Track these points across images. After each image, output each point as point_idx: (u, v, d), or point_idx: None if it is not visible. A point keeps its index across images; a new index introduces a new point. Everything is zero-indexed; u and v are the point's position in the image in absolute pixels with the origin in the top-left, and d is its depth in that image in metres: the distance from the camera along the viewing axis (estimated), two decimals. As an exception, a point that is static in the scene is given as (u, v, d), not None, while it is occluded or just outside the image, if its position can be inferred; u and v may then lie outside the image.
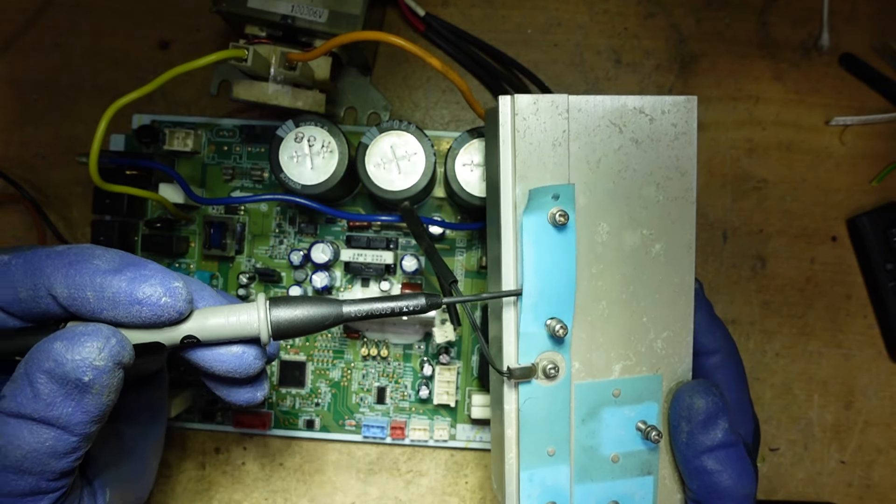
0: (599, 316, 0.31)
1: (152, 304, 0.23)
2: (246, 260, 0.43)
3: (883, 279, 0.43)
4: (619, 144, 0.30)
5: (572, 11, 0.44)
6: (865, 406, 0.44)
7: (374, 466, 0.44)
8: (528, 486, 0.30)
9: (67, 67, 0.44)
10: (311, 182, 0.37)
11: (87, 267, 0.23)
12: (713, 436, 0.29)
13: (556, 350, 0.30)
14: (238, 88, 0.38)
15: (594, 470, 0.31)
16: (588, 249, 0.30)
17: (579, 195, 0.30)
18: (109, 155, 0.41)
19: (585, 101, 0.30)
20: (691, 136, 0.31)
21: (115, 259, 0.24)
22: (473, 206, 0.39)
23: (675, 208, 0.31)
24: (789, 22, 0.44)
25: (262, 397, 0.27)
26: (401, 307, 0.26)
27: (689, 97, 0.31)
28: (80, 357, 0.22)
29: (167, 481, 0.44)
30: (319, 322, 0.25)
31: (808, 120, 0.44)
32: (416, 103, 0.44)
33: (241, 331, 0.24)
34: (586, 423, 0.31)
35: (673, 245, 0.31)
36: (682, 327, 0.31)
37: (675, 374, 0.31)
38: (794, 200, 0.44)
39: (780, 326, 0.44)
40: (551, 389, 0.30)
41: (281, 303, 0.25)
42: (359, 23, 0.38)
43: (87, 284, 0.23)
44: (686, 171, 0.31)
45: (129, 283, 0.23)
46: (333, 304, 0.25)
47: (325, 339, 0.43)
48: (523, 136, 0.29)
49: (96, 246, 0.24)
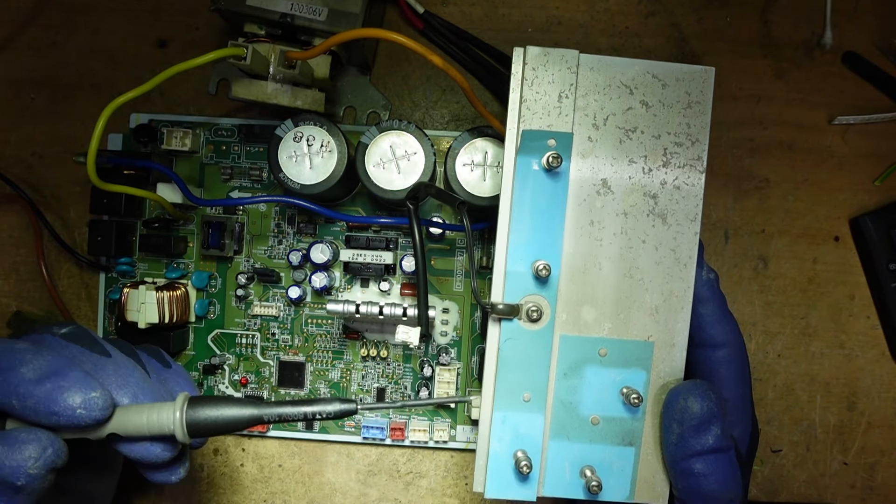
0: (594, 271, 0.31)
1: (68, 415, 0.25)
2: (245, 260, 0.43)
3: (886, 279, 0.42)
4: (629, 106, 0.31)
5: (573, 10, 0.44)
6: (868, 407, 0.44)
7: (373, 468, 0.43)
8: (499, 427, 0.30)
9: (65, 66, 0.44)
10: (311, 182, 0.37)
11: (13, 375, 0.25)
12: (704, 440, 0.29)
13: (542, 294, 0.30)
14: (237, 87, 0.38)
15: (571, 428, 0.31)
16: (587, 203, 0.31)
17: (582, 149, 0.30)
18: (107, 154, 0.41)
19: (597, 59, 0.31)
20: (705, 106, 0.31)
21: (43, 367, 0.25)
22: (473, 207, 0.38)
23: (682, 175, 0.31)
24: (791, 20, 0.44)
25: (175, 480, 0.29)
26: (313, 412, 0.27)
27: (706, 67, 0.31)
28: (16, 464, 0.23)
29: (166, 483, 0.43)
30: (235, 423, 0.27)
31: (810, 119, 0.44)
32: (415, 102, 0.44)
33: (158, 429, 0.26)
34: (568, 377, 0.31)
35: (677, 213, 0.31)
36: (680, 298, 0.31)
37: (669, 346, 0.31)
38: (797, 200, 0.44)
39: (782, 327, 0.44)
40: (533, 334, 0.30)
41: (200, 403, 0.27)
42: (358, 21, 0.37)
43: (12, 393, 0.25)
44: (697, 140, 0.31)
45: (48, 394, 0.24)
46: (250, 406, 0.27)
47: (325, 339, 0.43)
48: (531, 85, 0.30)
49: (31, 348, 0.26)
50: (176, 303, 0.41)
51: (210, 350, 0.43)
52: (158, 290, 0.40)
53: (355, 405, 0.28)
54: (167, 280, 0.42)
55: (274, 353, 0.43)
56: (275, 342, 0.43)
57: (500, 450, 0.30)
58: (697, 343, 0.32)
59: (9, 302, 0.44)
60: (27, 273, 0.44)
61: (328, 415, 0.27)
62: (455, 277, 0.42)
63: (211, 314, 0.43)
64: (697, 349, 0.32)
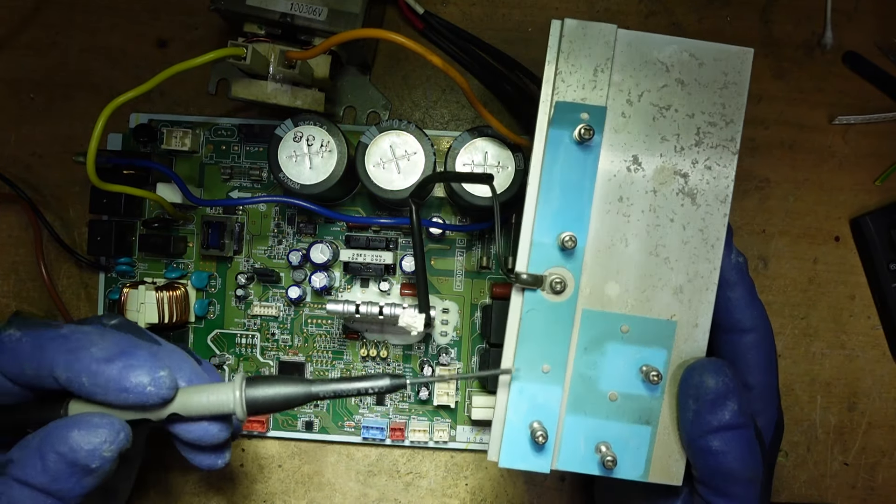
0: (620, 248, 0.30)
1: (139, 392, 0.26)
2: (244, 260, 0.42)
3: (886, 279, 0.42)
4: (664, 83, 0.30)
5: (573, 10, 0.44)
6: (869, 408, 0.44)
7: (373, 468, 0.43)
8: (516, 397, 0.30)
9: (64, 66, 0.44)
10: (310, 182, 0.37)
11: (84, 354, 0.26)
12: (720, 416, 0.29)
13: (566, 266, 0.30)
14: (236, 87, 0.38)
15: (589, 402, 0.31)
16: (617, 179, 0.30)
17: (615, 124, 0.30)
18: (107, 154, 0.41)
19: (635, 35, 0.30)
20: (742, 87, 0.31)
21: (111, 347, 0.27)
22: (474, 207, 0.38)
23: (714, 155, 0.31)
24: (792, 20, 0.44)
25: (222, 464, 0.30)
26: (366, 388, 0.28)
27: (744, 48, 0.31)
28: (92, 447, 0.25)
29: (166, 483, 0.43)
30: (291, 401, 0.28)
31: (811, 119, 0.44)
32: (415, 102, 0.44)
33: (219, 408, 0.27)
34: (588, 352, 0.30)
35: (707, 193, 0.31)
36: (705, 279, 0.31)
37: (692, 326, 0.31)
38: (797, 200, 0.44)
39: (782, 327, 0.44)
40: (556, 306, 0.30)
41: (256, 382, 0.28)
42: (358, 21, 0.37)
43: (83, 370, 0.26)
44: (732, 120, 0.31)
45: (119, 372, 0.26)
46: (304, 384, 0.28)
47: (325, 339, 0.42)
48: (567, 58, 0.30)
49: (97, 331, 0.27)
50: (175, 303, 0.41)
51: (210, 350, 0.43)
52: (158, 291, 0.40)
53: (405, 379, 0.28)
54: (167, 280, 0.42)
55: (274, 354, 0.43)
56: (275, 342, 0.43)
57: (516, 420, 0.30)
58: (725, 328, 0.32)
59: (8, 302, 0.44)
60: (27, 273, 0.44)
61: (380, 389, 0.28)
62: (455, 277, 0.42)
63: (211, 314, 0.43)
64: (725, 334, 0.32)
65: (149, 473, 0.43)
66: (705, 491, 0.30)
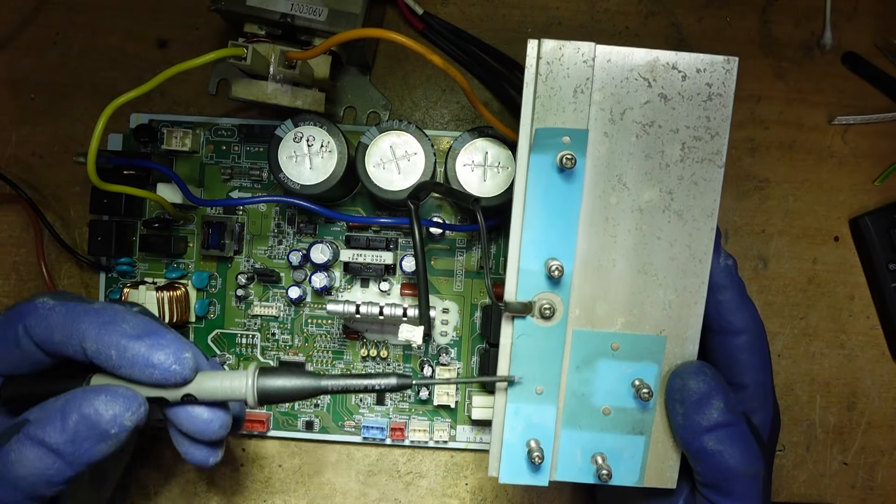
0: (608, 267, 0.30)
1: (164, 369, 0.27)
2: (245, 260, 0.43)
3: (886, 279, 0.42)
4: (647, 99, 0.30)
5: (573, 10, 0.44)
6: (868, 407, 0.44)
7: (373, 468, 0.43)
8: (512, 418, 0.31)
9: (65, 66, 0.44)
10: (311, 182, 0.37)
11: (115, 329, 0.27)
12: (708, 416, 0.29)
13: (554, 291, 0.30)
14: (237, 87, 0.38)
15: (583, 417, 0.31)
16: (602, 200, 0.30)
17: (598, 145, 0.30)
18: (107, 154, 0.41)
19: (615, 51, 0.30)
20: (727, 99, 0.30)
21: (141, 326, 0.28)
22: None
23: (700, 170, 0.30)
24: (791, 20, 0.44)
25: (213, 462, 0.30)
26: (373, 385, 0.29)
27: (729, 57, 0.30)
28: (114, 413, 0.26)
29: (166, 483, 0.43)
30: (300, 392, 0.29)
31: (810, 119, 0.44)
32: (415, 103, 0.44)
33: (231, 394, 0.28)
34: (580, 370, 0.31)
35: (693, 208, 0.30)
36: (693, 293, 0.31)
37: (681, 339, 0.31)
38: (797, 200, 0.44)
39: (781, 327, 0.44)
40: (546, 330, 0.30)
41: (268, 373, 0.29)
42: (358, 21, 0.37)
43: (113, 344, 0.27)
44: (717, 134, 0.30)
45: (148, 349, 0.27)
46: (314, 378, 0.29)
47: (325, 339, 0.43)
48: (545, 80, 0.29)
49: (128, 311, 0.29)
50: (176, 303, 0.41)
51: (210, 350, 0.43)
52: (158, 291, 0.40)
53: (411, 379, 0.29)
54: (167, 280, 0.42)
55: (274, 354, 0.43)
56: (275, 342, 0.43)
57: (513, 439, 0.31)
58: (717, 330, 0.32)
59: (9, 302, 0.44)
60: (27, 273, 0.44)
61: (388, 387, 0.29)
62: (455, 277, 0.42)
63: (211, 314, 0.43)
64: (717, 336, 0.32)
65: (149, 473, 0.43)
66: (709, 492, 0.30)
